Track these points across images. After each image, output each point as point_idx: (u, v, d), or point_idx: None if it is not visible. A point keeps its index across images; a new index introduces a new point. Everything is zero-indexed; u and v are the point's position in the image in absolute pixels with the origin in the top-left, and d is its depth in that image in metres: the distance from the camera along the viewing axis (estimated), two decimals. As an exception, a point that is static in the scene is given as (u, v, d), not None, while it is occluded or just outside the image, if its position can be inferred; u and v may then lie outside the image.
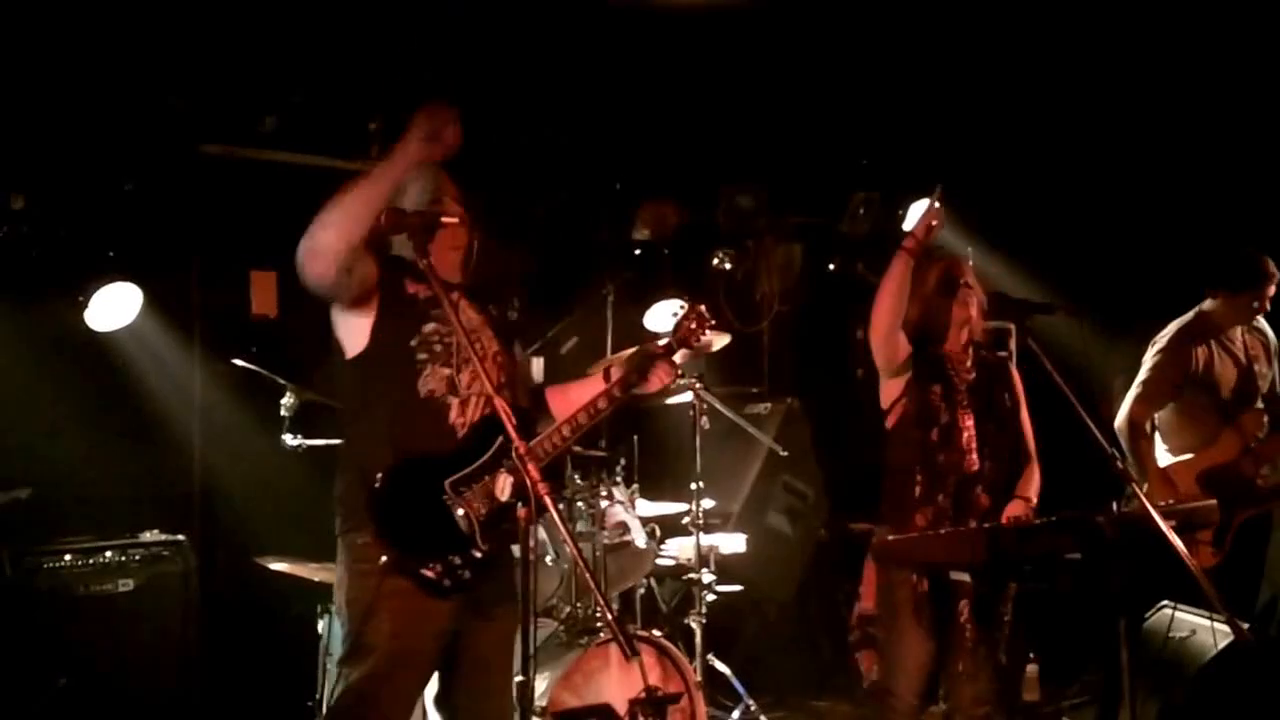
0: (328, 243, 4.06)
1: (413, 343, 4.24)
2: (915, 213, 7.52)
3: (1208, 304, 6.58)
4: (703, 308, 4.64)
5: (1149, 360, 6.62)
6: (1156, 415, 6.70)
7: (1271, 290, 6.48)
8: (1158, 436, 6.72)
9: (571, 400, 4.56)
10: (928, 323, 5.31)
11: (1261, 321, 6.70)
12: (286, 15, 6.36)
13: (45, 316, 6.39)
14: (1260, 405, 6.56)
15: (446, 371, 4.25)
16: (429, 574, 4.13)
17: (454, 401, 4.25)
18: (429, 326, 4.25)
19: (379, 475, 4.14)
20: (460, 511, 4.17)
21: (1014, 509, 5.18)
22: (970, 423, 5.24)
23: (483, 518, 4.18)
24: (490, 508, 4.19)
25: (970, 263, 5.61)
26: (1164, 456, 6.62)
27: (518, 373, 4.54)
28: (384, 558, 4.13)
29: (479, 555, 4.18)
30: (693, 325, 4.62)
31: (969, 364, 5.35)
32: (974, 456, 5.22)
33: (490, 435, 4.23)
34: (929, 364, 5.26)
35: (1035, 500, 5.31)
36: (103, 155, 6.38)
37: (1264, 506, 6.37)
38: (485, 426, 4.25)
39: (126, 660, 5.98)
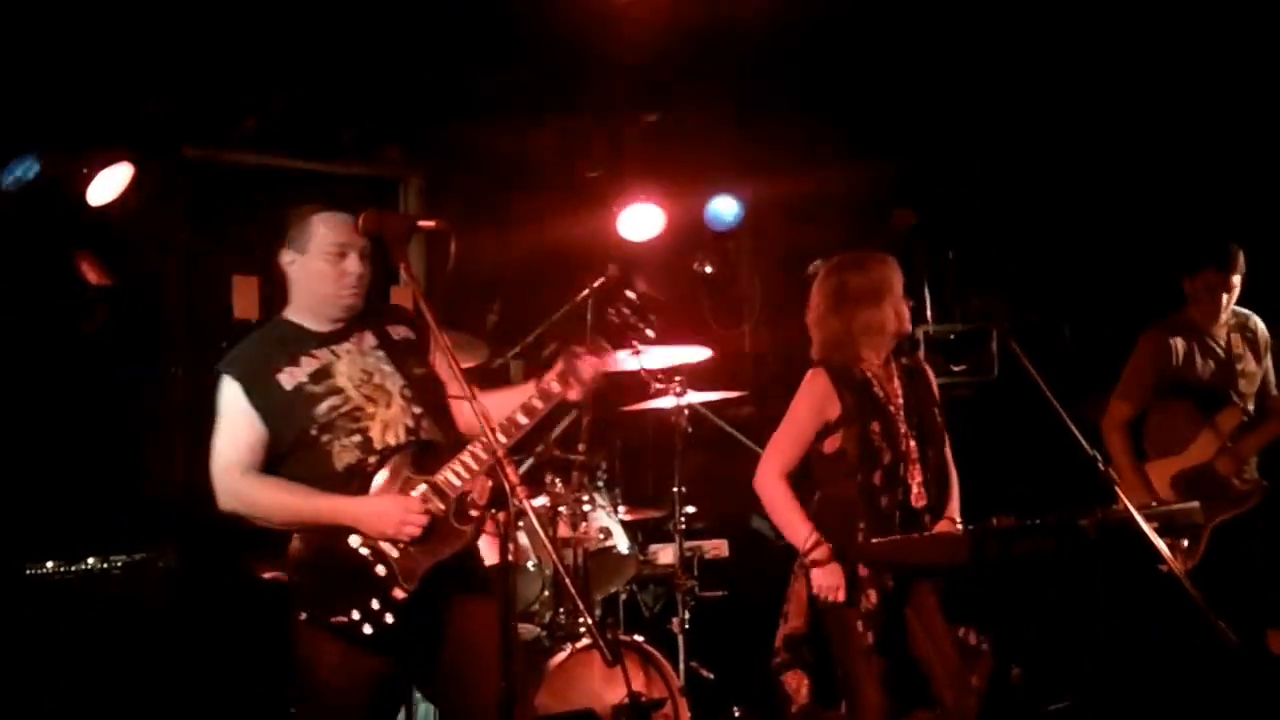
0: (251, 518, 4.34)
1: (313, 431, 4.30)
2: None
3: (1187, 300, 6.58)
4: (632, 295, 4.53)
5: (1130, 359, 6.62)
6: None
7: (1235, 279, 6.47)
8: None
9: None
10: (852, 336, 5.08)
11: (1253, 317, 6.68)
12: (265, 19, 6.36)
13: (27, 320, 6.38)
14: (1238, 403, 6.53)
15: (356, 439, 4.30)
16: (340, 621, 4.16)
17: (372, 459, 4.30)
18: (322, 407, 4.30)
19: (290, 546, 4.29)
20: (374, 556, 4.21)
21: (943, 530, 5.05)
22: (915, 455, 5.08)
23: (399, 557, 4.21)
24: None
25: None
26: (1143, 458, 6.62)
27: (430, 394, 4.49)
28: (302, 614, 4.26)
29: (401, 596, 4.19)
30: (630, 318, 4.53)
31: (895, 380, 5.16)
32: (919, 490, 5.07)
33: (398, 472, 4.28)
34: (860, 396, 5.04)
35: (959, 519, 5.16)
36: (83, 159, 6.36)
37: (1241, 508, 6.34)
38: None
39: (111, 668, 5.95)
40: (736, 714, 6.43)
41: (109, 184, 6.37)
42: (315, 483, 4.27)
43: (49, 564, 5.90)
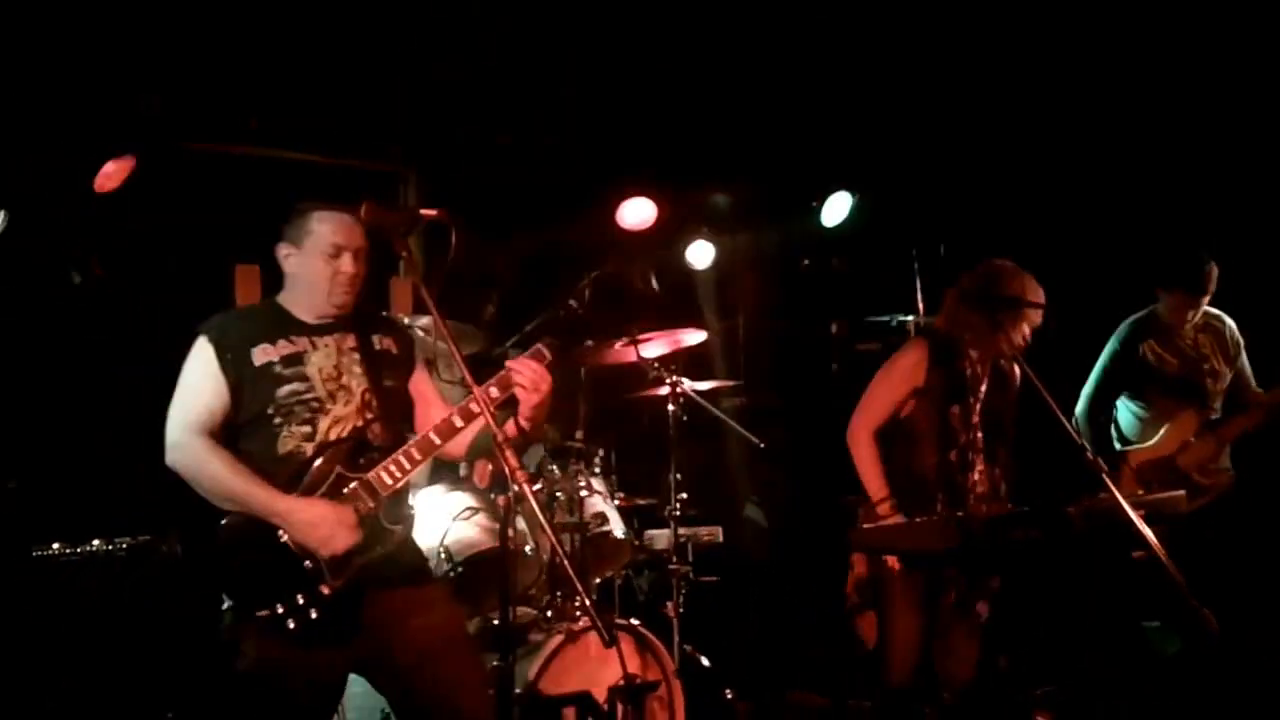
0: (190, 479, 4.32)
1: (269, 410, 4.34)
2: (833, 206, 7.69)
3: (1159, 302, 6.70)
4: (543, 348, 4.41)
5: (1103, 356, 6.75)
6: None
7: (1204, 299, 6.59)
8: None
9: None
10: (982, 328, 5.40)
11: (1225, 320, 6.78)
12: (270, 13, 6.40)
13: (30, 307, 6.43)
14: (1205, 401, 6.66)
15: (305, 429, 4.33)
16: (264, 614, 4.15)
17: (309, 447, 4.33)
18: (284, 390, 4.35)
19: (221, 524, 4.26)
20: (299, 550, 4.22)
21: None
22: (980, 445, 5.46)
23: (324, 555, 4.22)
24: None
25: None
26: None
27: (393, 405, 4.52)
28: (227, 601, 4.27)
29: (328, 592, 4.20)
30: (569, 328, 4.61)
31: (986, 377, 5.52)
32: (979, 476, 5.44)
33: (331, 466, 4.30)
34: (949, 377, 5.44)
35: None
36: (87, 152, 6.41)
37: (1199, 502, 6.40)
38: (328, 459, 4.32)
39: (114, 651, 5.99)
40: (729, 696, 6.49)
41: (112, 175, 6.42)
42: (257, 462, 4.28)
43: (55, 545, 5.96)
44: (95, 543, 6.00)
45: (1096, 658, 5.68)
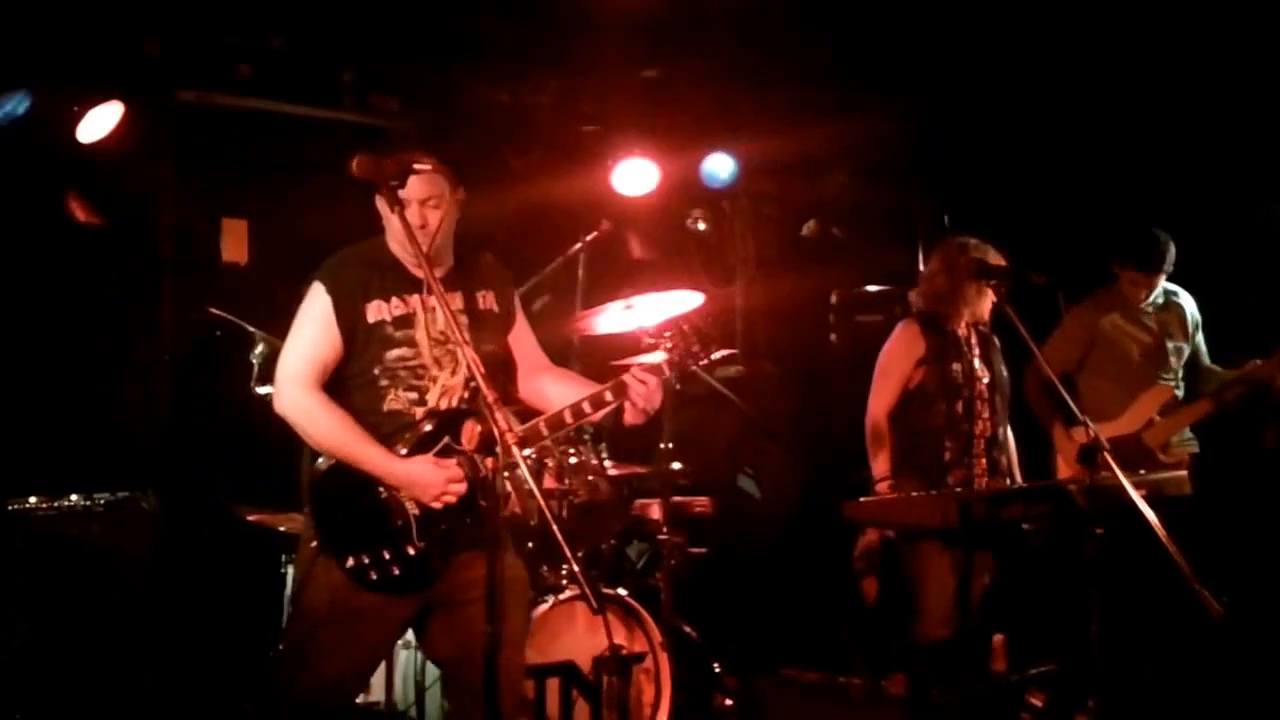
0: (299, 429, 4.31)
1: (376, 370, 4.34)
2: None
3: (1119, 278, 6.69)
4: (698, 325, 4.39)
5: (1059, 328, 6.77)
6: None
7: (1159, 279, 6.65)
8: None
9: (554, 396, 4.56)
10: (954, 297, 5.86)
11: (1183, 295, 6.82)
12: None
13: (14, 257, 6.34)
14: (1170, 379, 6.67)
15: (412, 395, 4.35)
16: (350, 563, 4.22)
17: (419, 411, 4.33)
18: (392, 354, 4.34)
19: (323, 467, 4.31)
20: (394, 506, 4.26)
21: None
22: (985, 395, 5.87)
23: (418, 514, 4.25)
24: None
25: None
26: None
27: (496, 372, 4.41)
28: (314, 541, 4.29)
29: (413, 552, 4.24)
30: (693, 348, 4.34)
31: (973, 338, 5.92)
32: (984, 424, 5.85)
33: (441, 434, 4.30)
34: (943, 341, 5.86)
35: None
36: (74, 96, 6.31)
37: None
38: (438, 427, 4.31)
39: (90, 608, 5.92)
40: (716, 669, 6.44)
41: (99, 123, 6.34)
42: (362, 415, 4.30)
43: (31, 499, 5.88)
44: (73, 497, 5.93)
45: (1093, 638, 5.63)
